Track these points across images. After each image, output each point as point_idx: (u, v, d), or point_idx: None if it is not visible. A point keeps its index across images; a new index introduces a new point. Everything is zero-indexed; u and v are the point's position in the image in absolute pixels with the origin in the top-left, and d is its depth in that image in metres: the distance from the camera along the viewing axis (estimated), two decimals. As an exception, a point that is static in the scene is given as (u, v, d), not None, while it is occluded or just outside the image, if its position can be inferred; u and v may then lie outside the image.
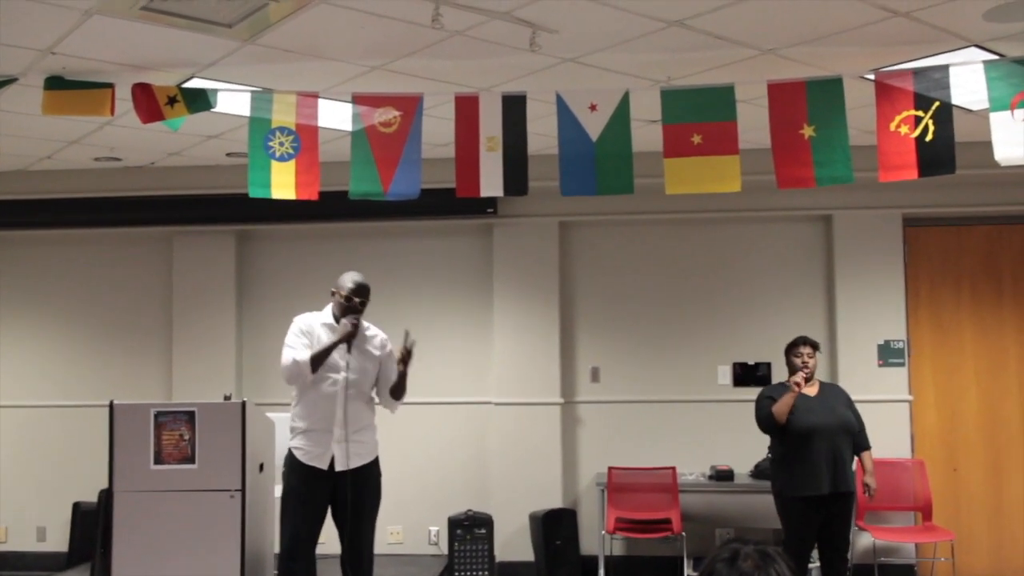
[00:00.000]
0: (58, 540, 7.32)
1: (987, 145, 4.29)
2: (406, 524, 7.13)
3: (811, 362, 5.45)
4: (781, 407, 5.29)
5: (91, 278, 7.59)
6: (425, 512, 7.12)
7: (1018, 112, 4.24)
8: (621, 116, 4.48)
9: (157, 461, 4.85)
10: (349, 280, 4.78)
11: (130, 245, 7.58)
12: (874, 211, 6.83)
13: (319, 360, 4.66)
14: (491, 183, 4.55)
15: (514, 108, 4.53)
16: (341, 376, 4.71)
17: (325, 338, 4.74)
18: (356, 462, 4.74)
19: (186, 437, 4.86)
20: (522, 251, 7.14)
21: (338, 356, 4.71)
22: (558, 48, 4.44)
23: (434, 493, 7.13)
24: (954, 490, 6.80)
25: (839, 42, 4.43)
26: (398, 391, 4.89)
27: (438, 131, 4.93)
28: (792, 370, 5.50)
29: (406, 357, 4.76)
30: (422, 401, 5.37)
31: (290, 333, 4.81)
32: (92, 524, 6.88)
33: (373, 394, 4.92)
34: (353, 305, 4.72)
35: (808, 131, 4.39)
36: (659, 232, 7.21)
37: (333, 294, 4.81)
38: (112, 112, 4.67)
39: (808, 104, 4.39)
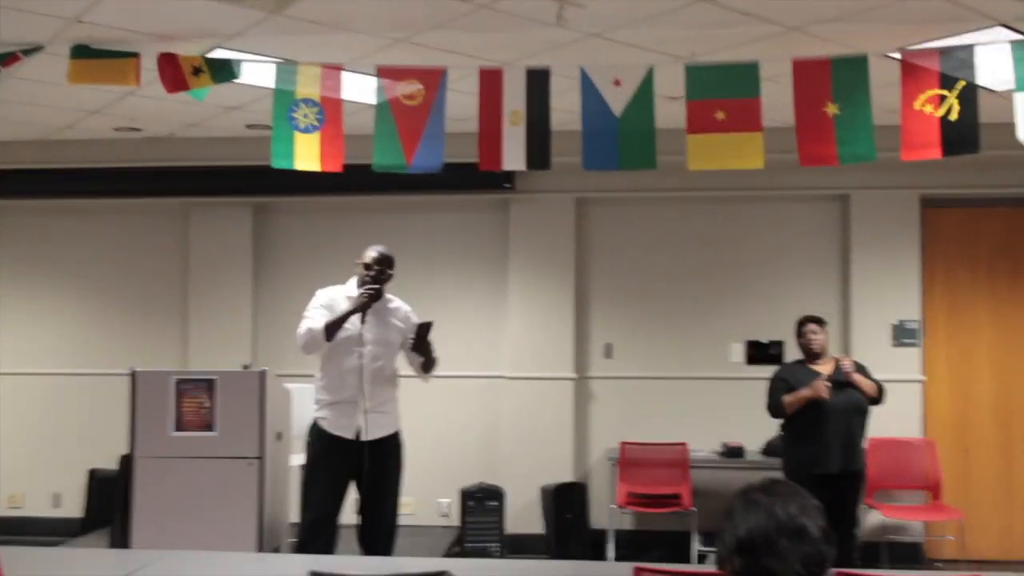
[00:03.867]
0: (73, 506, 7.39)
1: (1008, 126, 4.29)
2: (418, 495, 7.17)
3: (817, 338, 5.48)
4: (793, 402, 5.31)
5: (109, 248, 7.64)
6: (437, 484, 7.17)
7: (1043, 92, 4.23)
8: (645, 92, 4.48)
9: (178, 428, 4.92)
10: (373, 250, 4.82)
11: (148, 216, 7.62)
12: (892, 191, 6.83)
13: (334, 328, 4.67)
14: (514, 157, 4.56)
15: (538, 82, 4.53)
16: (364, 349, 4.74)
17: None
18: (378, 433, 4.77)
19: (206, 405, 4.93)
20: (538, 227, 7.16)
21: (361, 328, 4.74)
22: (583, 23, 4.44)
23: (446, 465, 7.18)
24: (964, 471, 6.83)
25: (865, 19, 4.42)
26: (427, 365, 4.91)
27: (460, 105, 4.92)
28: (803, 349, 5.53)
29: (417, 342, 4.76)
30: (436, 374, 5.40)
31: (310, 305, 4.84)
32: (108, 491, 6.96)
33: (396, 366, 4.92)
34: (372, 273, 4.73)
35: (832, 109, 4.40)
36: (675, 210, 7.22)
37: (357, 265, 4.83)
38: (138, 82, 4.69)
39: (833, 82, 4.39)
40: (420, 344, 4.77)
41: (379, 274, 4.76)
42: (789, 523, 1.79)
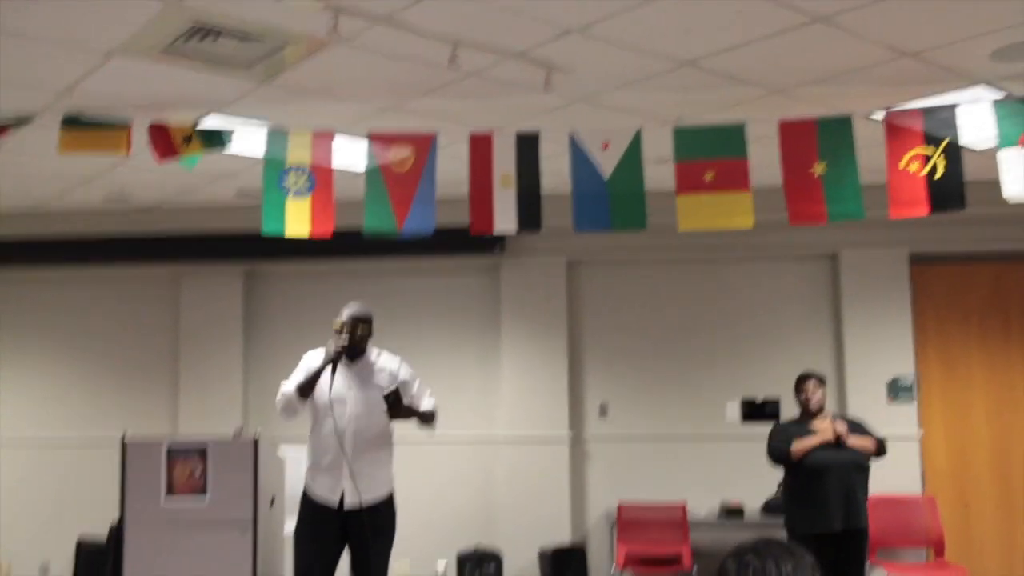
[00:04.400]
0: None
1: (992, 184, 4.33)
2: (413, 557, 7.07)
3: (816, 395, 5.45)
4: (802, 447, 5.26)
5: (99, 316, 7.63)
6: (433, 546, 7.07)
7: (1026, 149, 4.28)
8: (633, 154, 4.52)
9: (169, 493, 4.85)
10: (345, 310, 4.73)
11: (138, 283, 7.62)
12: (881, 248, 6.87)
13: (307, 387, 4.60)
14: (505, 219, 4.57)
15: (528, 146, 4.57)
16: (345, 410, 4.67)
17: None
18: (363, 498, 4.64)
19: (198, 471, 4.88)
20: (530, 289, 7.17)
21: (343, 389, 4.68)
22: (571, 88, 4.50)
23: (442, 527, 7.09)
24: (965, 526, 6.77)
25: (848, 82, 4.49)
26: (422, 422, 4.83)
27: (450, 170, 4.95)
28: (801, 407, 5.50)
29: (390, 413, 4.65)
30: (436, 428, 5.37)
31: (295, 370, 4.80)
32: (97, 559, 6.84)
33: (387, 425, 4.85)
34: (343, 332, 4.65)
35: (819, 168, 4.43)
36: (666, 270, 7.25)
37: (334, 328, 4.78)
38: (128, 150, 4.71)
39: (819, 142, 4.43)
40: (394, 413, 4.63)
41: (351, 331, 4.66)
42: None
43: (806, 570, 1.77)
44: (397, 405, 4.59)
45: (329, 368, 4.58)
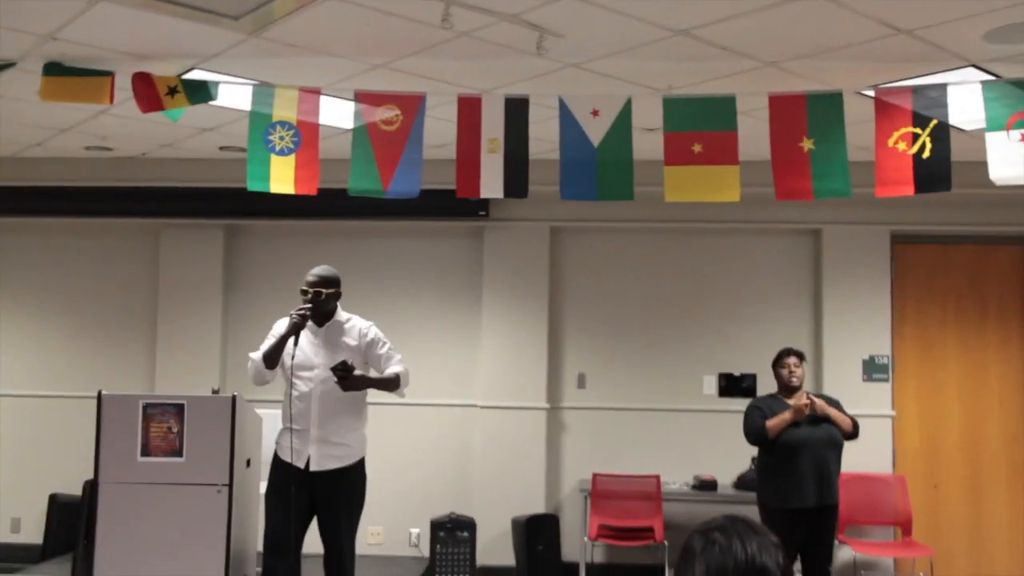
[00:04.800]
0: (33, 532, 7.22)
1: (977, 165, 4.36)
2: (387, 525, 7.10)
3: (798, 371, 5.48)
4: (777, 424, 5.28)
5: (76, 268, 7.53)
6: (407, 513, 7.09)
7: (1013, 132, 4.29)
8: (623, 123, 4.50)
9: (144, 453, 4.81)
10: (309, 273, 4.70)
11: (117, 236, 7.53)
12: (863, 227, 6.90)
13: (271, 356, 4.60)
14: (491, 184, 4.56)
15: (516, 111, 4.54)
16: (312, 373, 4.65)
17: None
18: (329, 464, 4.65)
19: (174, 430, 4.83)
20: (512, 255, 7.15)
21: (311, 354, 4.66)
22: (562, 53, 4.46)
23: (416, 495, 7.11)
24: (934, 506, 6.86)
25: (841, 57, 4.47)
26: (385, 389, 4.80)
27: (437, 131, 4.93)
28: (780, 383, 5.51)
29: (341, 385, 4.53)
30: (407, 402, 5.36)
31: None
32: (69, 516, 6.81)
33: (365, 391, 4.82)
34: (307, 298, 4.62)
35: (807, 144, 4.43)
36: (649, 240, 7.24)
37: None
38: (111, 100, 4.64)
39: (808, 117, 4.43)
40: (345, 384, 4.52)
41: (315, 296, 4.64)
42: (749, 563, 1.75)
43: (770, 549, 1.77)
44: (346, 377, 4.51)
45: (293, 336, 4.55)
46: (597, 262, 7.27)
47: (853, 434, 5.40)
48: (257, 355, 4.65)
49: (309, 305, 4.60)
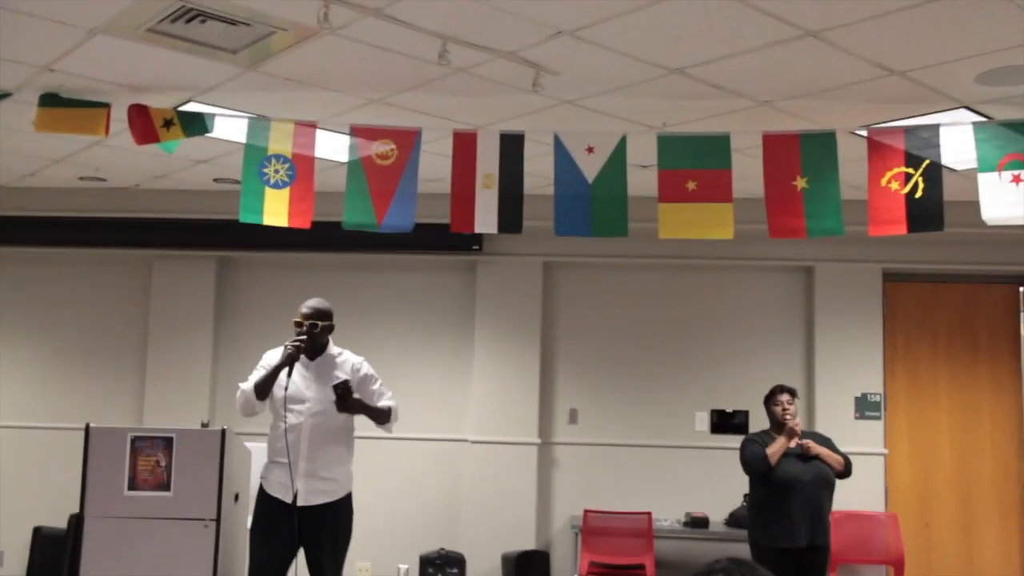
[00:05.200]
0: (16, 565, 7.11)
1: (967, 204, 4.39)
2: (375, 560, 7.02)
3: (791, 408, 5.46)
4: (776, 449, 5.27)
5: (67, 298, 7.49)
6: (396, 548, 7.02)
7: (1005, 173, 4.32)
8: (618, 159, 4.51)
9: (131, 487, 4.76)
10: (303, 306, 4.66)
11: (109, 267, 7.49)
12: (855, 264, 6.93)
13: (263, 387, 4.55)
14: (486, 220, 4.55)
15: (511, 146, 4.55)
16: (303, 407, 4.62)
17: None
18: (316, 499, 4.59)
19: (162, 463, 4.78)
20: (505, 289, 7.14)
21: (302, 387, 4.62)
22: (558, 90, 4.49)
23: (405, 529, 7.04)
24: (926, 545, 6.83)
25: (834, 97, 4.52)
26: (377, 421, 4.78)
27: (431, 166, 4.94)
28: (773, 420, 5.49)
29: (340, 405, 4.53)
30: (397, 436, 5.34)
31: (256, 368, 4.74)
32: (54, 549, 6.72)
33: (347, 424, 4.79)
34: (302, 330, 4.60)
35: (801, 183, 4.45)
36: (642, 276, 7.25)
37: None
38: (107, 132, 4.64)
39: (802, 156, 4.45)
40: (343, 406, 4.52)
41: (310, 328, 4.61)
42: None
43: None
44: (346, 397, 4.50)
45: (286, 368, 4.53)
46: (590, 297, 7.27)
47: (846, 472, 5.38)
48: (248, 386, 4.60)
49: (304, 337, 4.58)
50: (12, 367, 7.44)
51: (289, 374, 4.56)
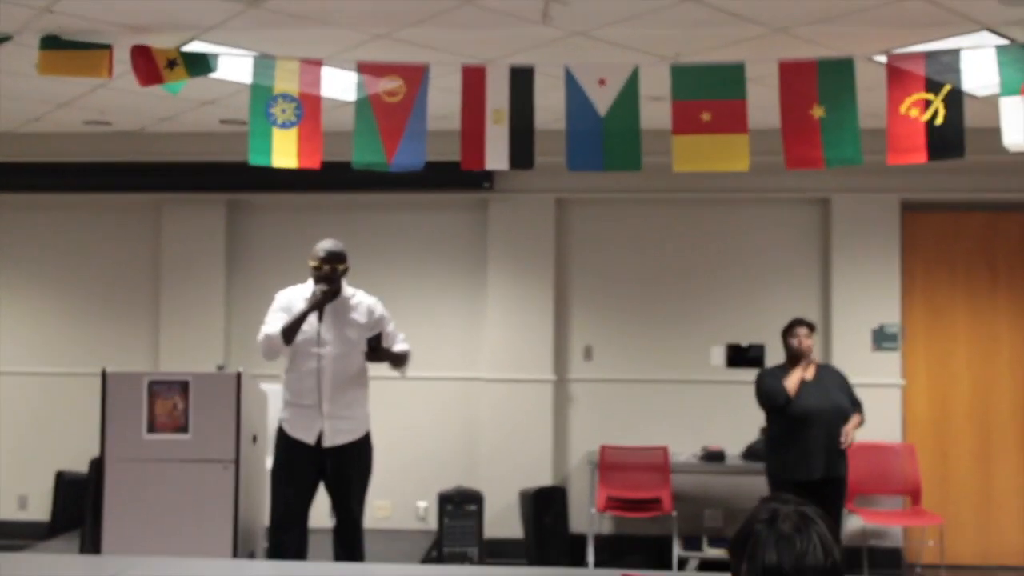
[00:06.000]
0: (40, 509, 7.23)
1: (988, 131, 4.29)
2: (394, 499, 7.10)
3: (807, 343, 5.45)
4: (793, 381, 5.29)
5: (77, 244, 7.48)
6: (414, 487, 7.09)
7: (1028, 98, 4.22)
8: (630, 92, 4.43)
9: (150, 430, 4.80)
10: (320, 248, 4.69)
11: (118, 212, 7.47)
12: (872, 195, 6.82)
13: (291, 331, 4.58)
14: (496, 156, 4.49)
15: (521, 81, 4.46)
16: (323, 350, 4.64)
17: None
18: (341, 439, 4.68)
19: (180, 407, 4.81)
20: (517, 227, 7.09)
21: (319, 329, 4.64)
22: (568, 21, 4.37)
23: (423, 468, 7.10)
24: (943, 475, 6.84)
25: (852, 22, 4.38)
26: (393, 365, 4.82)
27: (441, 102, 4.84)
28: (789, 352, 5.48)
29: (371, 356, 4.72)
30: (413, 376, 5.34)
31: (270, 310, 4.75)
32: (76, 493, 6.82)
33: (363, 364, 4.82)
34: (323, 273, 4.63)
35: (818, 112, 4.36)
36: (655, 211, 7.17)
37: (310, 265, 4.72)
38: (110, 74, 4.56)
39: (819, 85, 4.35)
40: (374, 355, 4.70)
41: (331, 271, 4.64)
42: (824, 568, 1.69)
43: (834, 546, 1.73)
44: (378, 348, 4.65)
45: (315, 312, 4.59)
46: (603, 233, 7.21)
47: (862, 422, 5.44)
48: (274, 330, 4.60)
49: (328, 281, 4.61)
50: (27, 314, 7.46)
51: (320, 318, 4.60)
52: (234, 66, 4.73)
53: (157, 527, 4.72)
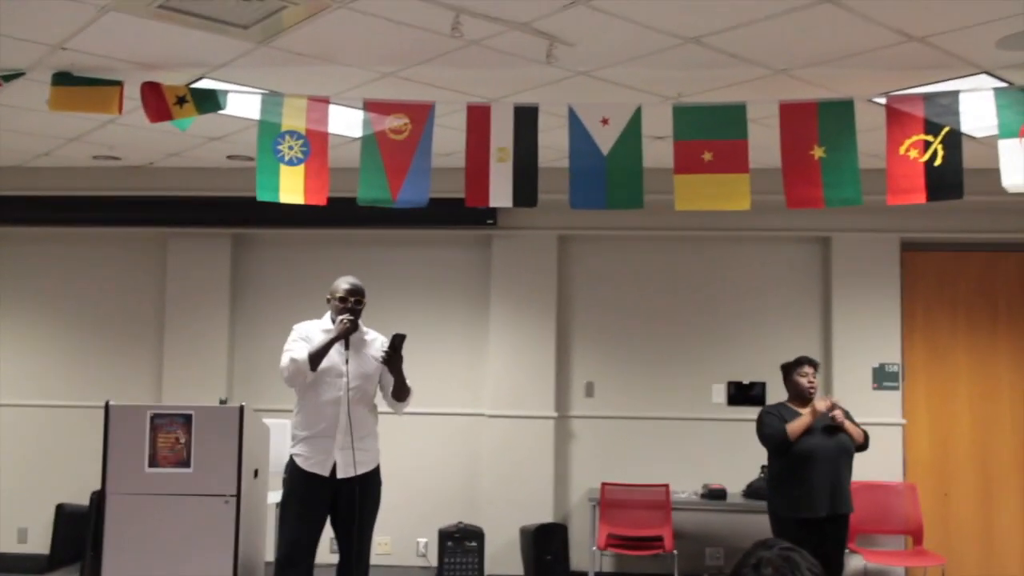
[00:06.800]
0: (39, 542, 7.19)
1: (987, 172, 4.34)
2: (395, 535, 7.06)
3: (815, 381, 5.45)
4: (798, 428, 5.24)
5: (83, 277, 7.51)
6: (414, 523, 7.06)
7: (1026, 140, 4.27)
8: (632, 131, 4.49)
9: (152, 464, 4.79)
10: (343, 282, 4.74)
11: (124, 245, 7.51)
12: (873, 234, 6.87)
13: (318, 358, 4.60)
14: (500, 193, 4.54)
15: (526, 119, 4.53)
16: (343, 380, 4.66)
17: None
18: (360, 469, 4.69)
19: (182, 440, 4.81)
20: (520, 263, 7.13)
21: (340, 361, 4.67)
22: (572, 61, 4.44)
23: (424, 504, 7.07)
24: (945, 515, 6.82)
25: (852, 64, 4.46)
26: (400, 392, 4.82)
27: (445, 140, 4.91)
28: (795, 390, 5.46)
29: (390, 354, 4.66)
30: (415, 411, 5.35)
31: (289, 339, 4.77)
32: (76, 526, 6.80)
33: (377, 400, 4.86)
34: (348, 306, 4.67)
35: (818, 152, 4.41)
36: (657, 248, 7.22)
37: (329, 300, 4.76)
38: (120, 110, 4.63)
39: (819, 125, 4.42)
40: (393, 358, 4.62)
41: (355, 304, 4.69)
42: None
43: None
44: (397, 349, 4.61)
45: (340, 343, 4.62)
46: (605, 270, 7.25)
47: (864, 445, 5.37)
48: (301, 356, 4.59)
49: (353, 314, 4.65)
50: (32, 346, 7.48)
51: (347, 347, 4.65)
52: (243, 103, 4.80)
53: (157, 561, 4.69)
